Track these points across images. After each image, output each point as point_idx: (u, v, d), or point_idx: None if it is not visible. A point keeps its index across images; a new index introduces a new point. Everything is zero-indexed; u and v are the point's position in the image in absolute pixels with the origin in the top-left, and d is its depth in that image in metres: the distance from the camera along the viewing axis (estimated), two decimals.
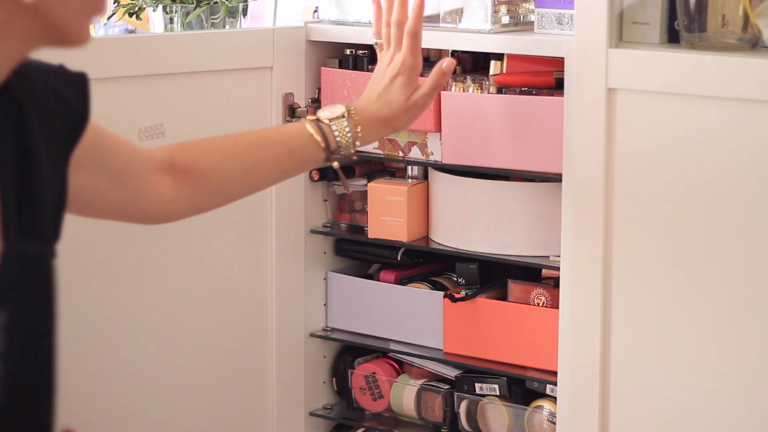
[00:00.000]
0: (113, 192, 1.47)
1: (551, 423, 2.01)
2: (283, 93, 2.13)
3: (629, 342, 1.84)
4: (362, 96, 1.84)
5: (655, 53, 1.78)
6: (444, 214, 2.09)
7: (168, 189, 1.57)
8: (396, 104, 1.82)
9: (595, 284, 1.84)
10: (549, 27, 1.98)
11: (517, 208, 2.02)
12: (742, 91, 1.70)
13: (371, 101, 1.82)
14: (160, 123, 1.96)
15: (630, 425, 1.86)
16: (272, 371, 2.17)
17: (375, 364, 2.22)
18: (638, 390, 1.84)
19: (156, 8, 2.23)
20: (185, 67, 1.99)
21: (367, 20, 2.12)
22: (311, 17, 2.20)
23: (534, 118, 1.96)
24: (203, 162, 1.62)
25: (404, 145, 2.11)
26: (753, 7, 1.74)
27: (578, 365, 1.88)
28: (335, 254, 2.25)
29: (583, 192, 1.84)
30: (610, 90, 1.80)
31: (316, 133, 1.72)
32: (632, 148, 1.80)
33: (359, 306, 2.21)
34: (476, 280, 2.14)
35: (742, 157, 1.72)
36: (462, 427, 2.11)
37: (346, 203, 2.22)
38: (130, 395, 1.98)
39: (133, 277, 1.96)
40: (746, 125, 1.71)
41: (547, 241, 2.00)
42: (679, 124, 1.76)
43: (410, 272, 2.21)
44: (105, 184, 1.45)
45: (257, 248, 2.13)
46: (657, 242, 1.79)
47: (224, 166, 1.64)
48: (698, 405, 1.80)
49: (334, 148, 1.74)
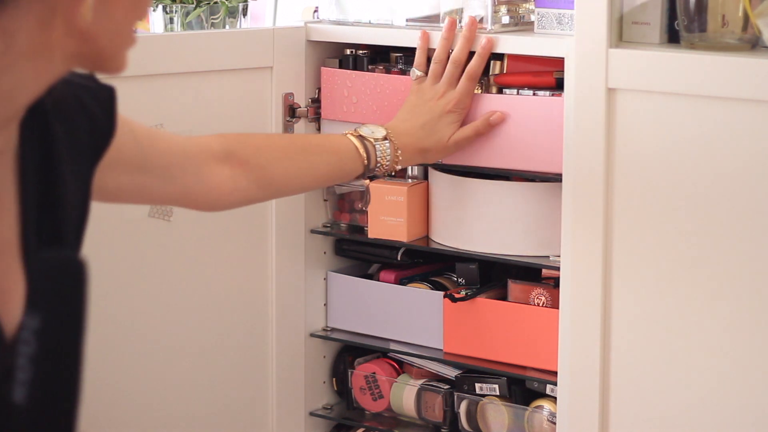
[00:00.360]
0: (163, 187, 1.53)
1: (551, 423, 2.01)
2: (283, 93, 2.13)
3: (629, 342, 1.84)
4: (401, 119, 1.94)
5: (655, 53, 1.78)
6: (444, 214, 2.09)
7: (226, 179, 1.65)
8: (438, 139, 1.95)
9: (595, 284, 1.84)
10: (549, 27, 1.98)
11: (517, 208, 2.02)
12: (742, 91, 1.70)
13: (415, 128, 1.93)
14: (160, 123, 1.96)
15: (630, 425, 1.86)
16: (272, 371, 2.17)
17: (375, 364, 2.22)
18: (638, 390, 1.84)
19: (156, 8, 2.23)
20: (185, 67, 1.99)
21: (367, 20, 2.12)
22: (311, 17, 2.20)
23: (534, 118, 1.96)
24: (262, 156, 1.72)
25: None
26: (753, 7, 1.74)
27: (578, 365, 1.88)
28: (335, 254, 2.25)
29: (583, 192, 1.84)
30: (610, 90, 1.80)
31: (362, 148, 1.85)
32: (632, 148, 1.79)
33: (359, 306, 2.21)
34: (476, 280, 2.14)
35: (742, 157, 1.72)
36: (462, 427, 2.11)
37: (346, 203, 2.22)
38: (130, 395, 1.98)
39: (133, 276, 1.96)
40: (746, 125, 1.71)
41: (547, 241, 2.00)
42: (679, 124, 1.76)
43: (410, 272, 2.20)
44: (151, 181, 1.50)
45: (257, 248, 2.13)
46: (657, 242, 1.79)
47: (281, 164, 1.74)
48: (698, 405, 1.80)
49: (372, 166, 1.86)
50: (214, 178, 1.62)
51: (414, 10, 2.08)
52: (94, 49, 1.06)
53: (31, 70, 1.04)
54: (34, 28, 1.02)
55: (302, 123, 2.16)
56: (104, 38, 1.06)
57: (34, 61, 1.03)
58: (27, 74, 1.04)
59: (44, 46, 1.03)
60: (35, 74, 1.04)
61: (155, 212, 1.97)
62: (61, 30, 1.03)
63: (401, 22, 2.09)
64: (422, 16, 2.08)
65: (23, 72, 1.03)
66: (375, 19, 2.12)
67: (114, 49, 1.07)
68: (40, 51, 1.03)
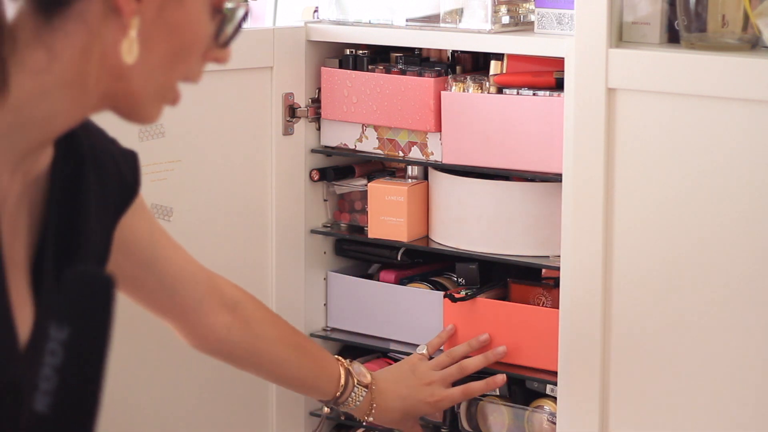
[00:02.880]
0: (160, 295, 1.57)
1: (551, 423, 2.01)
2: (283, 93, 2.13)
3: (629, 342, 1.84)
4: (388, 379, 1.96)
5: (655, 53, 1.78)
6: (444, 214, 2.09)
7: (222, 325, 1.68)
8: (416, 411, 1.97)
9: (595, 284, 1.84)
10: (549, 27, 1.98)
11: (517, 208, 2.02)
12: (742, 91, 1.70)
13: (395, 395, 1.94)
14: (160, 123, 1.96)
15: (630, 425, 1.86)
16: None
17: (375, 364, 2.22)
18: (638, 390, 1.84)
19: None
20: None
21: (367, 20, 2.12)
22: (311, 17, 2.20)
23: (534, 118, 1.96)
24: (263, 329, 1.75)
25: (404, 145, 2.11)
26: (753, 7, 1.74)
27: (578, 365, 1.88)
28: (335, 254, 2.25)
29: (583, 192, 1.84)
30: (610, 90, 1.80)
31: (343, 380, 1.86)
32: (632, 148, 1.79)
33: (359, 306, 2.21)
34: (476, 280, 2.14)
35: (742, 157, 1.72)
36: (462, 427, 2.11)
37: (346, 203, 2.22)
38: (130, 395, 1.98)
39: None
40: (746, 125, 1.71)
41: (547, 241, 2.00)
42: (679, 124, 1.76)
43: (410, 272, 2.20)
44: (152, 282, 1.54)
45: (257, 248, 2.13)
46: (657, 242, 1.79)
47: (274, 345, 1.77)
48: (698, 405, 1.79)
49: (342, 400, 1.88)
50: (211, 317, 1.66)
51: (414, 10, 2.08)
52: (127, 91, 1.08)
53: (68, 98, 1.05)
54: (77, 55, 1.04)
55: (302, 123, 2.16)
56: (138, 82, 1.07)
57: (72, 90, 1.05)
58: (64, 101, 1.05)
59: (84, 75, 1.05)
60: (71, 103, 1.06)
61: (155, 212, 1.97)
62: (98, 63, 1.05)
63: (401, 22, 2.09)
64: (422, 16, 2.08)
65: (61, 98, 1.05)
66: (375, 19, 2.12)
67: (146, 96, 1.09)
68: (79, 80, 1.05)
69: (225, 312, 1.67)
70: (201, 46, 1.11)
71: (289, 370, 1.80)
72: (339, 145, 2.18)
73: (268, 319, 1.77)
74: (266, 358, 1.77)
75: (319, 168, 2.19)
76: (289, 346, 1.79)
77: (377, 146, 2.13)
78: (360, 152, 2.16)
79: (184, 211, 2.02)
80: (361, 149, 2.16)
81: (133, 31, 1.04)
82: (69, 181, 1.15)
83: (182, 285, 1.59)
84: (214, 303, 1.65)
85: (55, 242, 1.12)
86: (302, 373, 1.83)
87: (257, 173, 2.12)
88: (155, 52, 1.07)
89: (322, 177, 2.20)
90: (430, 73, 2.07)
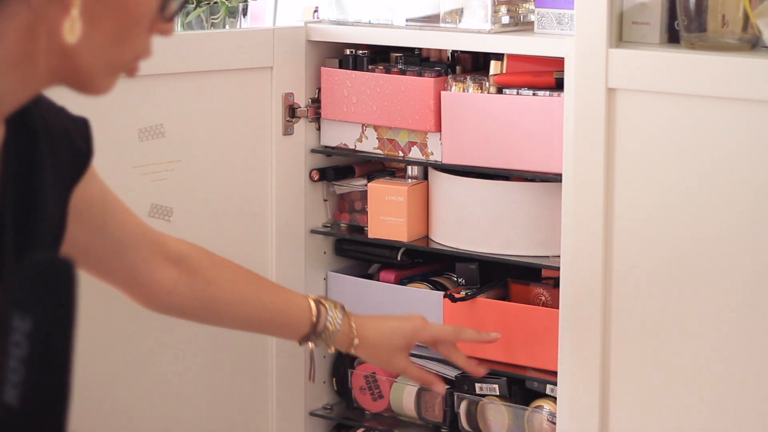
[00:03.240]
0: (111, 259, 1.52)
1: (551, 423, 2.01)
2: (283, 93, 2.13)
3: (629, 342, 1.84)
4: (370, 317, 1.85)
5: (655, 53, 1.78)
6: (444, 214, 2.09)
7: (168, 279, 1.61)
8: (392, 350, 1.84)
9: (595, 284, 1.84)
10: (549, 27, 1.98)
11: (517, 208, 2.02)
12: (742, 91, 1.70)
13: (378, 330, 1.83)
14: (160, 123, 1.96)
15: (630, 425, 1.86)
16: (272, 371, 2.17)
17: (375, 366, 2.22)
18: (638, 390, 1.84)
19: None
20: (185, 67, 1.99)
21: (367, 20, 2.12)
22: (311, 17, 2.20)
23: (534, 118, 1.96)
24: (215, 272, 1.67)
25: (404, 145, 2.11)
26: (753, 7, 1.74)
27: (578, 365, 1.88)
28: (335, 254, 2.25)
29: (583, 192, 1.84)
30: (610, 90, 1.80)
31: (314, 308, 1.75)
32: (632, 148, 1.80)
33: (359, 306, 2.20)
34: (476, 280, 2.14)
35: (742, 157, 1.72)
36: (462, 427, 2.11)
37: (346, 203, 2.22)
38: (130, 395, 1.98)
39: None
40: (746, 125, 1.71)
41: (547, 241, 2.00)
42: (679, 124, 1.76)
43: (410, 272, 2.21)
44: (104, 249, 1.49)
45: (257, 248, 2.13)
46: (657, 242, 1.79)
47: (229, 286, 1.68)
48: (698, 405, 1.79)
49: (320, 329, 1.76)
50: (157, 273, 1.60)
51: (414, 10, 2.08)
52: (76, 68, 1.07)
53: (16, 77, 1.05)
54: (21, 35, 1.04)
55: (302, 123, 2.16)
56: (85, 59, 1.07)
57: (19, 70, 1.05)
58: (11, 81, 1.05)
59: (30, 55, 1.05)
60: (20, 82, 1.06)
61: (155, 212, 1.97)
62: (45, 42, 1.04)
63: (401, 22, 2.09)
64: (422, 16, 2.08)
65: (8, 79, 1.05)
66: (375, 19, 2.12)
67: (96, 71, 1.08)
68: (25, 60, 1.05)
69: (170, 266, 1.61)
70: (146, 20, 1.10)
71: (253, 309, 1.71)
72: (339, 145, 2.18)
73: (219, 264, 1.69)
74: (223, 301, 1.68)
75: (319, 168, 2.19)
76: (247, 285, 1.71)
77: (377, 146, 2.13)
78: (360, 152, 2.16)
79: (184, 211, 2.02)
80: (361, 149, 2.16)
81: (75, 11, 1.03)
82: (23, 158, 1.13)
83: (131, 247, 1.54)
84: (159, 259, 1.60)
85: (14, 226, 1.11)
86: (268, 311, 1.72)
87: (257, 173, 2.12)
88: (100, 28, 1.06)
89: (322, 177, 2.20)
90: (430, 73, 2.07)
